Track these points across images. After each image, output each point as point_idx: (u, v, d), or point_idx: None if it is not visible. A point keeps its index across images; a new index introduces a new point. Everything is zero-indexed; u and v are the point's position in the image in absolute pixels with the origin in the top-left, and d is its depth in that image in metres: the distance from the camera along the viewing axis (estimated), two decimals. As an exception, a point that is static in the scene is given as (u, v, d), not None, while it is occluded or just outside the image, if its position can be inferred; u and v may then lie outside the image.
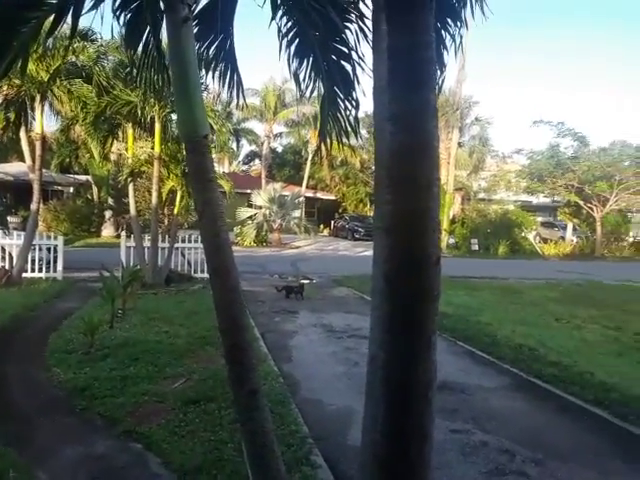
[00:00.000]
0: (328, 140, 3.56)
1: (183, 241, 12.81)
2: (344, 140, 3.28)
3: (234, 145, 41.67)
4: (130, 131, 11.06)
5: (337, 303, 10.90)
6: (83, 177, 29.15)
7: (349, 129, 3.24)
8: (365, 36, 2.97)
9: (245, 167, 51.15)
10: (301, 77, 3.67)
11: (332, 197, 38.98)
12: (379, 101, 1.62)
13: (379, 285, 1.66)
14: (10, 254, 11.77)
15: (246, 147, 46.63)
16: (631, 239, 32.43)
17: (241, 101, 3.71)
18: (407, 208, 1.58)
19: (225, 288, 2.14)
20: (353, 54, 3.07)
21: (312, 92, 3.70)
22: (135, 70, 3.38)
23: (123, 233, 12.31)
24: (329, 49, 3.10)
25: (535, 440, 4.31)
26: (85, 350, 6.29)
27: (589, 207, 29.32)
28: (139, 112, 9.86)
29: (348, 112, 3.20)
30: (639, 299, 13.16)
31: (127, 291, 8.48)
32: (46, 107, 11.40)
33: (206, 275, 12.67)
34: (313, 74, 3.65)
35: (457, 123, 27.81)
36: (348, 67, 3.17)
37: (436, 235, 1.60)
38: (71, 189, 29.30)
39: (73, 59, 10.27)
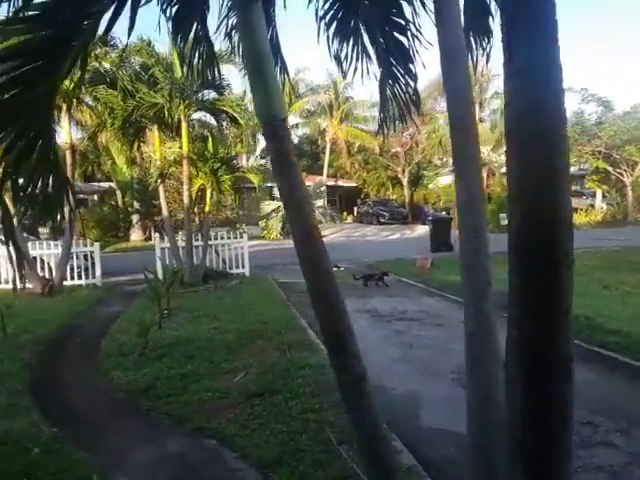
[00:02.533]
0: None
1: (215, 238, 12.84)
2: (405, 116, 3.17)
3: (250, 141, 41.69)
4: (157, 133, 11.09)
5: (377, 288, 10.81)
6: (106, 184, 29.48)
7: (409, 104, 3.13)
8: (423, 4, 2.85)
9: (263, 161, 51.13)
10: (342, 57, 3.58)
11: (353, 184, 38.77)
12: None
13: (510, 259, 1.55)
14: (49, 264, 11.95)
15: (262, 141, 46.62)
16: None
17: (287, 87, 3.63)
18: (534, 170, 1.47)
19: (319, 275, 2.07)
20: (410, 26, 2.95)
21: (355, 73, 3.60)
22: (185, 66, 3.31)
23: (156, 235, 12.39)
24: (385, 23, 2.99)
25: (613, 410, 4.19)
26: (139, 351, 6.32)
27: (618, 172, 28.62)
28: (166, 113, 9.85)
29: (408, 87, 3.09)
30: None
31: (170, 291, 8.52)
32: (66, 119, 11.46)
33: (241, 270, 12.74)
34: (356, 54, 3.55)
35: (477, 98, 27.30)
36: (404, 40, 3.05)
37: (569, 197, 1.48)
38: (95, 197, 29.68)
39: (96, 65, 10.29)
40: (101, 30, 2.40)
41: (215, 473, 3.68)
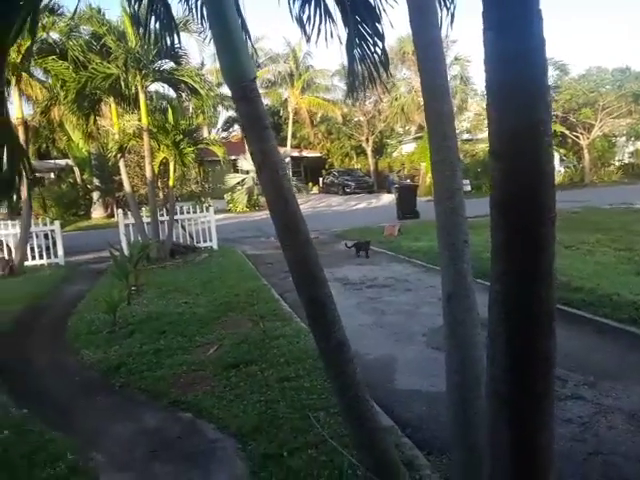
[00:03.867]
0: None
1: (182, 213, 12.59)
2: (375, 76, 3.10)
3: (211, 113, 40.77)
4: (113, 106, 10.67)
5: (346, 256, 10.84)
6: (63, 161, 28.43)
7: (378, 65, 3.06)
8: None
9: (225, 134, 50.15)
10: (305, 18, 3.47)
11: (317, 154, 38.52)
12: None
13: (492, 216, 1.53)
14: (7, 244, 11.53)
15: (223, 113, 45.63)
16: (617, 163, 32.56)
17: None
18: (516, 122, 1.44)
19: (297, 242, 2.02)
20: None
21: (319, 36, 3.51)
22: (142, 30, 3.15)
23: (119, 211, 12.05)
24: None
25: (581, 364, 4.33)
26: (109, 329, 6.20)
27: (575, 136, 29.23)
28: (122, 84, 9.46)
29: (376, 47, 3.01)
30: (640, 220, 13.27)
31: (137, 267, 8.34)
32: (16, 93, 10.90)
33: (209, 244, 12.58)
34: (319, 15, 3.45)
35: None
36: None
37: (551, 152, 1.46)
38: (52, 175, 28.64)
39: (44, 36, 9.76)
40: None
41: (193, 445, 3.65)
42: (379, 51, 3.04)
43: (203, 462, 3.43)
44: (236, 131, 46.35)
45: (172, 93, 11.81)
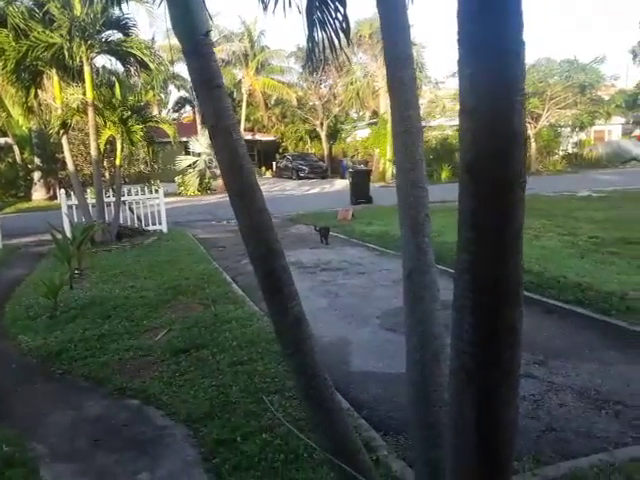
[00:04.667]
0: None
1: (129, 194, 12.10)
2: (335, 45, 2.96)
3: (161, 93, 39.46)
4: (56, 78, 10.04)
5: (299, 240, 10.73)
6: (1, 140, 26.87)
7: (339, 32, 2.92)
8: None
9: (175, 115, 48.76)
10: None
11: (271, 137, 38.04)
12: None
13: (462, 181, 1.44)
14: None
15: (174, 93, 44.29)
16: (562, 153, 33.75)
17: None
18: (489, 79, 1.35)
19: (253, 211, 1.88)
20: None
21: (276, 4, 3.33)
22: None
23: (62, 191, 11.44)
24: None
25: (530, 343, 4.39)
26: (49, 314, 5.86)
27: (523, 125, 29.97)
28: (65, 54, 8.90)
29: (337, 13, 2.87)
30: (583, 207, 13.76)
31: (81, 250, 7.94)
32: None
33: (158, 227, 12.18)
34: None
35: (392, 50, 27.19)
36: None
37: (523, 111, 1.38)
38: (-11, 153, 27.03)
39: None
40: None
41: (140, 432, 3.48)
42: (340, 17, 2.89)
43: (151, 450, 3.26)
44: (187, 112, 45.20)
45: (120, 68, 11.24)
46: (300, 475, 2.77)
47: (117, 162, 11.04)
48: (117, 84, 10.84)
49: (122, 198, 11.55)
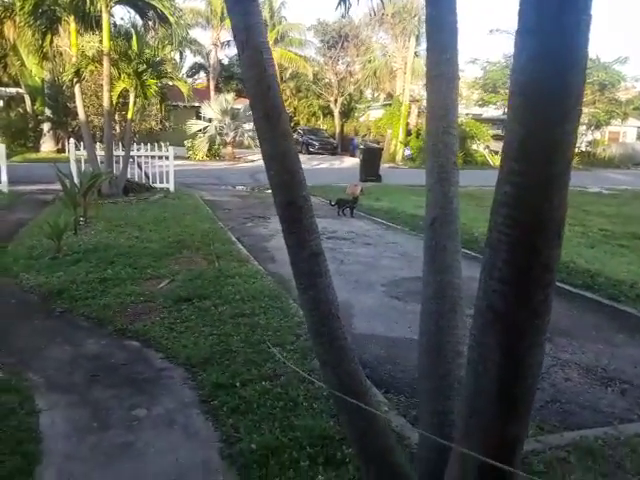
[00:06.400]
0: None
1: (139, 150, 11.96)
2: None
3: (177, 56, 38.96)
4: (73, 25, 9.84)
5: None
6: (13, 89, 26.57)
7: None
8: None
9: (190, 80, 48.24)
10: None
11: (284, 111, 37.63)
12: None
13: (512, 107, 1.35)
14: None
15: (189, 59, 43.79)
16: (576, 150, 33.36)
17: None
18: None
19: (278, 134, 1.80)
20: None
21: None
22: None
23: (71, 141, 11.30)
24: None
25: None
26: (52, 255, 5.82)
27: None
28: (86, 0, 8.70)
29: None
30: (594, 201, 13.64)
31: (87, 198, 7.87)
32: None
33: (165, 185, 12.08)
34: None
35: (414, 30, 26.79)
36: None
37: (588, 31, 1.28)
38: (1, 102, 26.77)
39: None
40: None
41: (138, 372, 3.44)
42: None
43: (149, 389, 3.23)
44: (202, 78, 44.72)
45: (139, 21, 11.02)
46: (299, 422, 2.73)
47: (129, 115, 10.89)
48: (135, 36, 10.64)
49: (131, 153, 11.44)
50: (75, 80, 10.32)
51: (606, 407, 3.06)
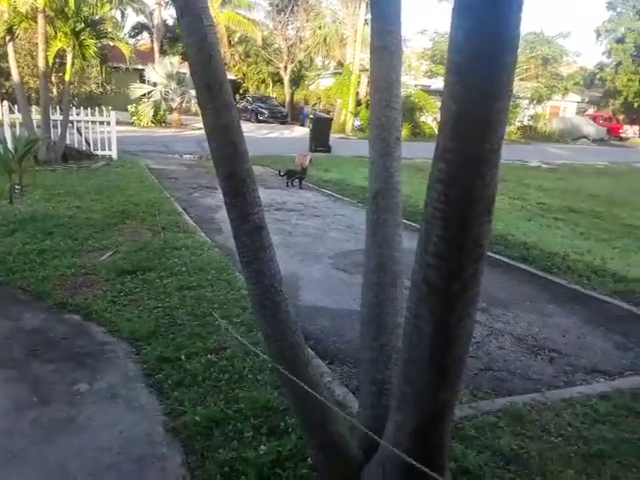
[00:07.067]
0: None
1: (78, 114, 11.41)
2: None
3: (118, 15, 37.00)
4: (3, -24, 9.17)
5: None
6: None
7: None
8: None
9: (132, 41, 46.04)
10: None
11: (232, 77, 36.63)
12: None
13: (447, 84, 1.38)
14: None
15: (132, 18, 41.68)
16: (518, 124, 34.36)
17: None
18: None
19: (219, 105, 1.76)
20: None
21: None
22: None
23: (5, 103, 10.64)
24: None
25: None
26: (-14, 226, 5.55)
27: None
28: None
29: None
30: (533, 175, 14.19)
31: (23, 165, 7.49)
32: None
33: (107, 153, 11.62)
34: None
35: (365, -3, 26.49)
36: None
37: (521, 14, 1.32)
38: None
39: None
40: None
41: (79, 346, 3.37)
42: None
43: (90, 364, 3.18)
44: (145, 39, 42.84)
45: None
46: (244, 394, 2.77)
47: (67, 78, 10.32)
48: (71, -8, 10.01)
49: (70, 118, 10.91)
50: (8, 39, 9.69)
51: (535, 374, 3.26)
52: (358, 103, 27.57)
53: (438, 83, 36.45)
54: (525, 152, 21.85)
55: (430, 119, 31.11)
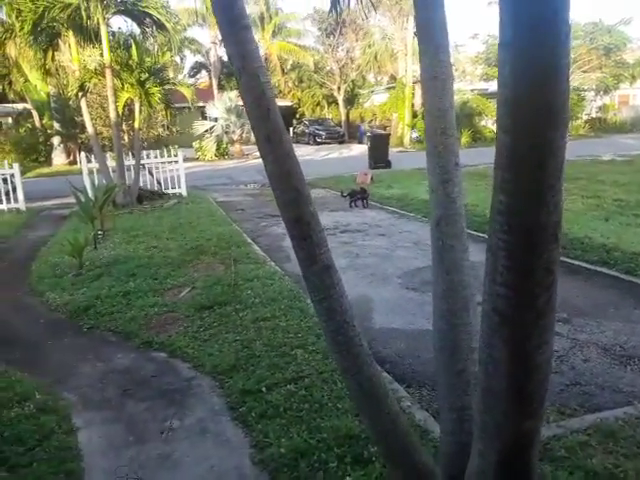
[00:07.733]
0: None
1: (148, 157, 12.10)
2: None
3: (178, 59, 39.02)
4: (73, 40, 9.97)
5: (318, 203, 10.68)
6: (20, 105, 26.92)
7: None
8: None
9: (192, 80, 48.29)
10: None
11: (288, 103, 37.52)
12: None
13: (499, 117, 1.40)
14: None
15: (190, 58, 43.79)
16: (585, 117, 32.85)
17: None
18: (534, 10, 1.29)
19: (280, 155, 1.87)
20: None
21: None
22: None
23: (82, 155, 11.49)
24: None
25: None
26: (75, 272, 5.98)
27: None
28: (83, 14, 8.80)
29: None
30: (607, 171, 13.47)
31: (103, 211, 8.03)
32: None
33: (177, 190, 12.22)
34: None
35: (412, 10, 26.45)
36: None
37: (569, 44, 1.32)
38: (9, 119, 27.16)
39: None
40: None
41: (168, 383, 3.57)
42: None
43: (179, 399, 3.35)
44: (203, 78, 44.76)
45: (136, 29, 11.11)
46: (325, 423, 2.83)
47: (136, 125, 11.03)
48: (134, 46, 10.74)
49: (142, 161, 11.59)
50: (80, 94, 10.49)
51: (626, 386, 3.10)
52: (414, 115, 27.39)
53: (495, 86, 35.43)
54: (596, 146, 20.84)
55: (490, 122, 30.36)
